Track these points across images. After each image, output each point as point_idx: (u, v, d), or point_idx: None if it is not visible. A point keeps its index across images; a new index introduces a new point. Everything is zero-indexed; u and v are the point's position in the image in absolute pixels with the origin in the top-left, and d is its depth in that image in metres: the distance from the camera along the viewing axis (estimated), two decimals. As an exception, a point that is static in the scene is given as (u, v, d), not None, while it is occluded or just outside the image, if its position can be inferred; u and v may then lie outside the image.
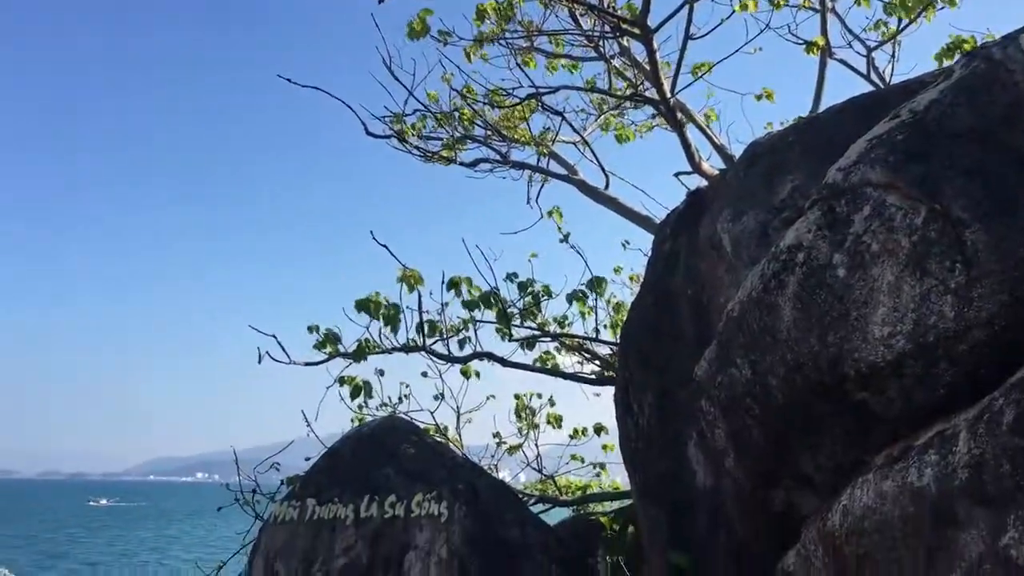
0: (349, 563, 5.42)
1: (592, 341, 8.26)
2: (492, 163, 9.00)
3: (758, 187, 4.58)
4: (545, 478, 8.89)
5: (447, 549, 5.00)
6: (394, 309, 7.27)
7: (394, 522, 5.38)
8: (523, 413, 8.73)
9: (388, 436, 6.02)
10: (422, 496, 5.33)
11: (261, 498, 7.51)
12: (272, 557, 5.87)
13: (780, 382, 3.14)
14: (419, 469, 5.59)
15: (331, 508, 5.75)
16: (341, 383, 7.64)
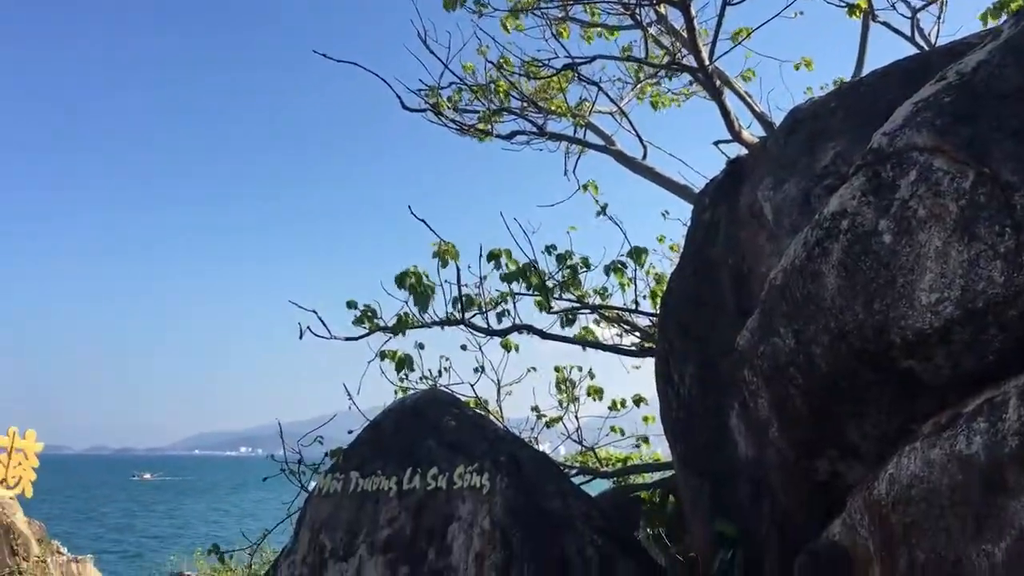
0: (393, 534, 5.48)
1: (632, 312, 8.22)
2: (528, 135, 8.95)
3: (800, 154, 4.52)
4: (585, 450, 8.91)
5: (489, 520, 5.03)
6: (428, 286, 7.29)
7: (437, 494, 5.43)
8: (563, 386, 8.74)
9: (430, 409, 6.06)
10: (464, 468, 5.37)
11: (305, 470, 7.62)
12: (317, 528, 5.96)
13: (824, 351, 3.11)
14: (461, 441, 5.63)
15: (374, 480, 5.81)
16: (382, 357, 7.70)
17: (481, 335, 7.85)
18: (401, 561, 5.34)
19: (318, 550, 5.84)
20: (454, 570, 5.03)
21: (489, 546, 4.93)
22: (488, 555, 4.89)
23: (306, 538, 6.02)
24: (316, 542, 5.90)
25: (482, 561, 4.91)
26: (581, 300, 8.27)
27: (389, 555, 5.42)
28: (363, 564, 5.51)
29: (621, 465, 8.95)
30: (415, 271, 7.39)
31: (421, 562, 5.22)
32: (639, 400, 8.66)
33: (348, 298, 7.68)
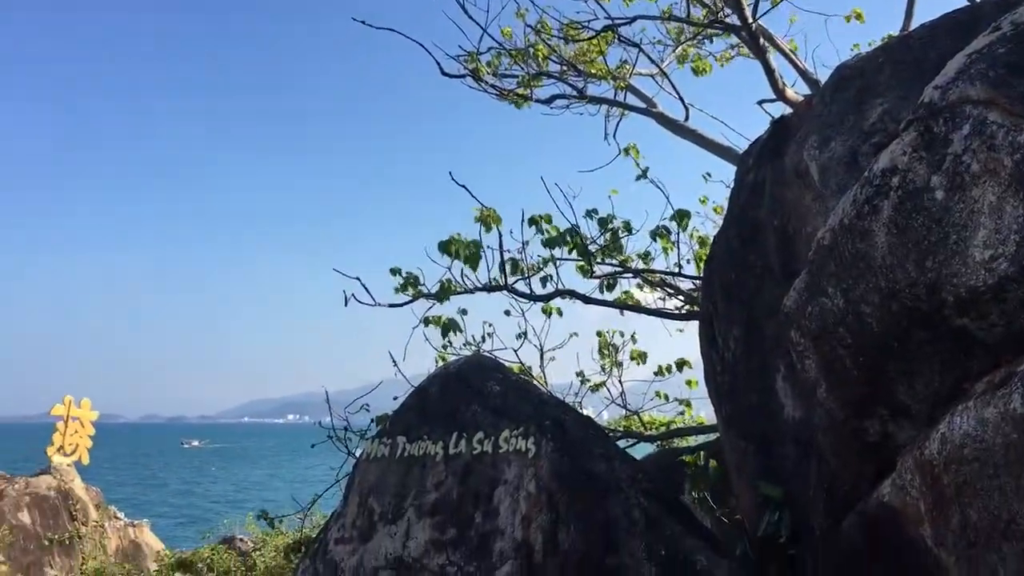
0: (440, 498, 5.54)
1: (675, 276, 8.18)
2: (568, 99, 8.89)
3: (846, 112, 4.42)
4: (629, 414, 8.92)
5: (535, 483, 5.06)
6: (474, 247, 7.30)
7: (483, 458, 5.46)
8: (606, 350, 8.73)
9: (474, 374, 6.08)
10: (509, 432, 5.39)
11: (352, 436, 7.73)
12: (366, 492, 6.04)
13: (874, 310, 3.06)
14: (506, 406, 5.65)
15: (421, 445, 5.86)
16: (425, 324, 7.75)
17: (524, 301, 7.86)
18: (448, 524, 5.39)
19: (367, 513, 5.93)
20: (501, 532, 5.07)
21: (535, 509, 4.96)
22: (534, 518, 4.93)
23: (355, 502, 6.11)
24: (365, 506, 5.99)
25: (528, 523, 4.94)
26: (623, 264, 8.24)
27: (436, 518, 5.48)
28: (411, 526, 5.59)
29: (665, 429, 8.95)
30: (459, 238, 7.41)
31: (468, 525, 5.28)
32: (683, 364, 8.63)
33: (391, 265, 7.74)
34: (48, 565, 18.21)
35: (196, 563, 17.15)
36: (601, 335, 8.81)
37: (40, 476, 19.81)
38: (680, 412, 9.03)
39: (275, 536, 16.80)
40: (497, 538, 5.08)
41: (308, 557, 6.33)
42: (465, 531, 5.27)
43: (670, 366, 8.83)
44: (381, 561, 5.64)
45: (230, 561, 16.88)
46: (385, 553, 5.64)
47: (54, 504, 19.12)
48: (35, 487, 19.11)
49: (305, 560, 6.35)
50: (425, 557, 5.39)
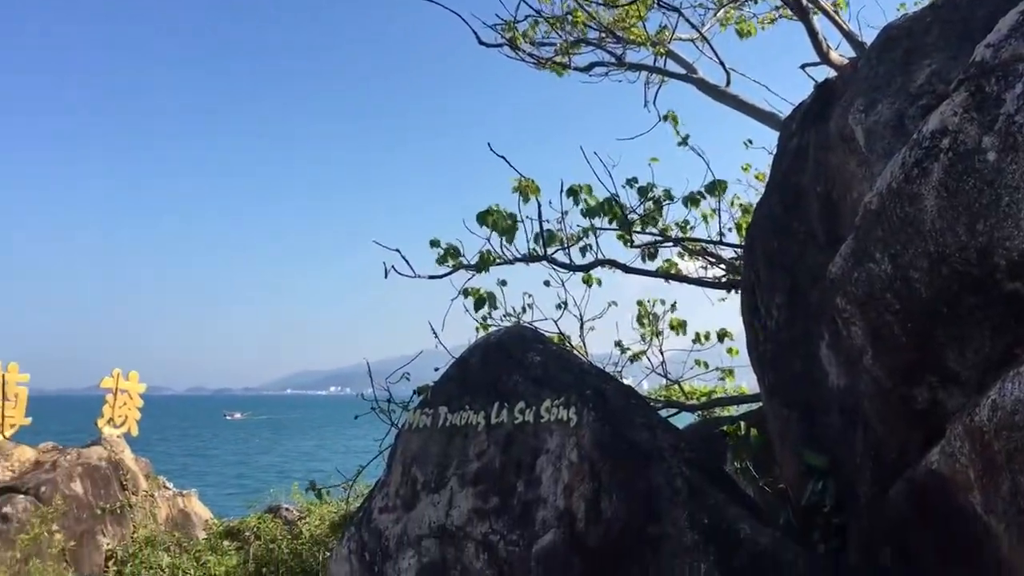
0: (482, 467, 5.57)
1: (716, 244, 8.10)
2: (607, 66, 8.80)
3: (893, 74, 4.32)
4: (670, 384, 8.89)
5: (577, 452, 5.06)
6: (511, 219, 7.28)
7: (524, 427, 5.47)
8: (646, 320, 8.70)
9: (514, 344, 6.09)
10: (550, 402, 5.39)
11: (395, 407, 7.80)
12: (409, 462, 6.09)
13: (923, 275, 3.00)
14: (546, 376, 5.65)
15: (462, 415, 5.89)
16: (465, 295, 7.77)
17: (563, 271, 7.85)
18: (491, 492, 5.42)
19: (410, 483, 5.99)
20: (543, 501, 5.09)
21: (577, 478, 4.97)
22: (577, 486, 4.93)
23: (398, 471, 6.17)
24: (408, 475, 6.04)
25: (571, 492, 4.95)
26: (663, 233, 8.18)
27: (479, 487, 5.52)
28: (454, 495, 5.63)
29: (706, 398, 8.92)
30: (497, 209, 7.40)
31: (511, 493, 5.30)
32: (724, 334, 8.58)
33: (431, 237, 7.76)
34: (101, 533, 18.68)
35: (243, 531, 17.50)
36: (641, 304, 8.77)
37: (91, 447, 20.28)
38: (721, 381, 8.99)
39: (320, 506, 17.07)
40: (539, 507, 5.10)
41: (353, 525, 6.41)
42: (507, 500, 5.30)
43: (709, 334, 8.78)
44: (425, 529, 5.70)
45: (276, 530, 17.19)
46: (428, 521, 5.70)
47: (105, 474, 19.58)
48: (87, 458, 19.58)
49: (350, 528, 6.43)
50: (468, 525, 5.44)
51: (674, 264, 8.63)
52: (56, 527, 17.37)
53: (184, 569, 16.31)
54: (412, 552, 5.72)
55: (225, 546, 17.12)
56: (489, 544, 5.26)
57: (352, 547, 6.21)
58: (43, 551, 16.76)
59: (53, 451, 19.73)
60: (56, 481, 18.36)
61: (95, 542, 18.39)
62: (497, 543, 5.22)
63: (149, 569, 16.63)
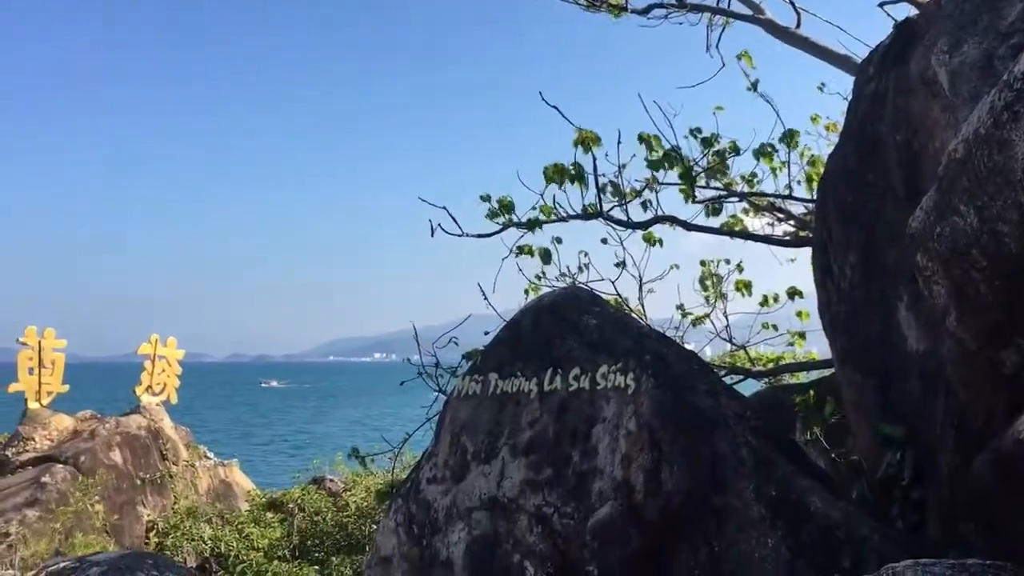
0: (535, 436, 5.62)
1: (785, 199, 8.01)
2: (667, 8, 8.67)
3: (981, 11, 4.20)
4: (735, 349, 8.86)
5: (635, 421, 5.08)
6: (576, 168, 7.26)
7: (579, 395, 5.51)
8: (709, 281, 8.65)
9: (569, 307, 6.10)
10: (607, 368, 5.41)
11: (443, 373, 7.88)
12: (458, 431, 6.17)
13: (1013, 228, 2.93)
14: (603, 340, 5.66)
15: (514, 382, 5.94)
16: (517, 253, 7.79)
17: (621, 228, 7.82)
18: (544, 463, 5.48)
19: (460, 452, 6.07)
20: (600, 472, 5.13)
21: (636, 447, 4.99)
22: (635, 457, 4.96)
23: (447, 440, 6.25)
24: (457, 444, 6.12)
25: (629, 463, 4.98)
26: (729, 188, 8.11)
27: (531, 457, 5.57)
28: (505, 466, 5.69)
29: (774, 365, 8.87)
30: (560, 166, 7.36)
31: (565, 464, 5.35)
32: (793, 294, 8.51)
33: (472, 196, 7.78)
34: (141, 504, 19.23)
35: (287, 503, 17.90)
36: (704, 264, 8.72)
37: (130, 416, 20.83)
38: (790, 346, 8.92)
39: (366, 477, 17.37)
40: (595, 478, 5.14)
41: (400, 497, 6.53)
42: (562, 470, 5.35)
43: (777, 295, 8.71)
44: (475, 501, 5.79)
45: (321, 502, 17.56)
46: (479, 493, 5.78)
47: (145, 443, 20.12)
48: (125, 427, 20.12)
49: (397, 500, 6.55)
50: (521, 497, 5.50)
51: (740, 220, 8.55)
52: (97, 498, 17.92)
53: (227, 541, 16.76)
54: (462, 525, 5.81)
55: (268, 518, 17.54)
56: (543, 517, 5.33)
57: (399, 519, 6.33)
58: (84, 523, 17.32)
59: (91, 420, 20.31)
60: (95, 450, 18.92)
61: (135, 513, 18.95)
62: (551, 516, 5.28)
63: (191, 541, 17.12)
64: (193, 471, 20.86)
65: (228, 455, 24.73)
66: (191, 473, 20.76)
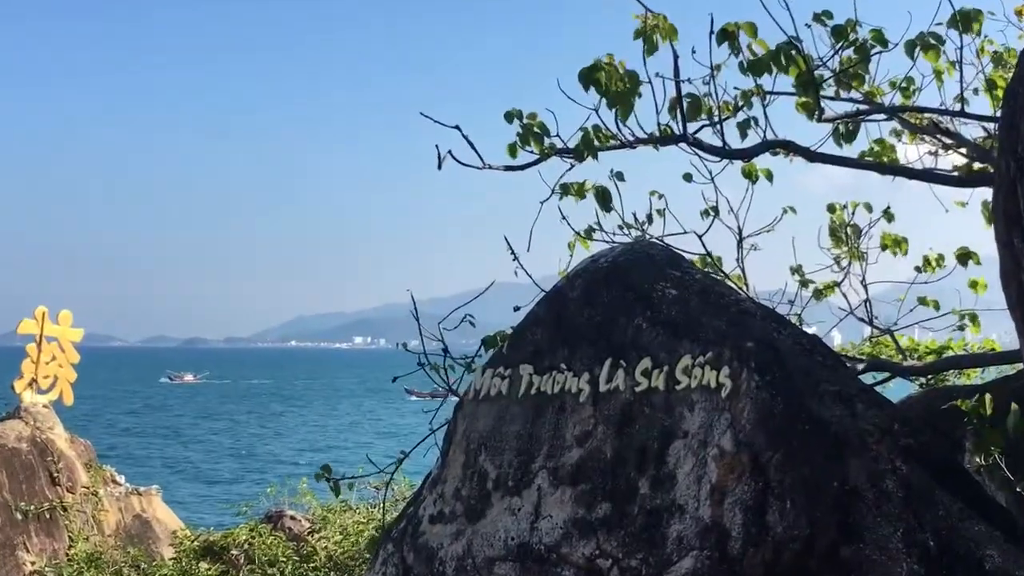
0: (587, 457, 5.63)
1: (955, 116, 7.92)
2: None
3: None
4: (879, 334, 8.82)
5: (731, 437, 5.08)
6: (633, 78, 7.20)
7: (650, 398, 5.51)
8: (841, 234, 8.60)
9: (636, 271, 6.09)
10: (692, 359, 5.41)
11: (453, 365, 7.89)
12: (475, 448, 6.20)
13: None
14: (686, 319, 5.65)
15: (556, 378, 5.95)
16: (562, 194, 7.75)
17: (712, 159, 7.77)
18: (599, 496, 5.50)
19: (477, 478, 6.10)
20: (679, 509, 5.14)
21: (732, 475, 5.00)
22: (731, 488, 4.97)
23: (459, 462, 6.28)
24: (473, 467, 6.15)
25: (722, 497, 4.99)
26: (870, 99, 8.03)
27: (581, 486, 5.59)
28: (543, 499, 5.72)
29: (934, 358, 8.82)
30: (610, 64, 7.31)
31: (629, 498, 5.37)
32: (965, 257, 8.44)
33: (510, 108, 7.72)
34: (23, 548, 19.45)
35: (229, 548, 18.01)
36: (834, 210, 8.66)
37: (6, 422, 21.02)
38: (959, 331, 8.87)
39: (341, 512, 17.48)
40: (673, 518, 5.16)
41: (391, 542, 6.58)
42: (624, 507, 5.37)
43: (941, 257, 8.64)
44: (499, 549, 5.83)
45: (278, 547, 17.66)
46: (505, 537, 5.81)
47: (27, 462, 20.30)
48: (2, 437, 20.29)
49: (387, 546, 6.60)
50: (565, 544, 5.54)
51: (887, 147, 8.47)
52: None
53: (143, 603, 16.93)
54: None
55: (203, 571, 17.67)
56: (597, 573, 5.36)
57: (391, 574, 6.38)
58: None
59: (-50, 427, 20.49)
60: (-45, 472, 19.11)
61: (14, 560, 19.16)
62: (609, 571, 5.32)
63: (92, 601, 17.31)
64: (96, 502, 21.06)
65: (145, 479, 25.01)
66: (93, 504, 20.96)
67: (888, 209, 8.51)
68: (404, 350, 8.31)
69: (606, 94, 7.31)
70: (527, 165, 7.72)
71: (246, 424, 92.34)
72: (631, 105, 7.31)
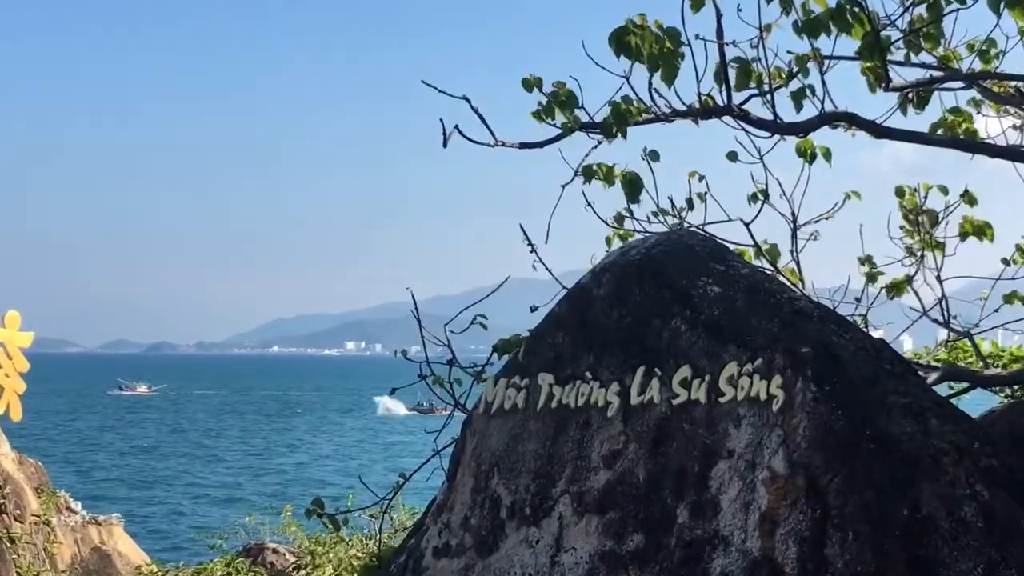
0: (616, 480, 5.64)
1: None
2: None
3: None
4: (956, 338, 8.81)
5: (784, 457, 5.09)
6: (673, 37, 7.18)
7: (690, 412, 5.52)
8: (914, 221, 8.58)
9: (674, 265, 6.09)
10: (738, 367, 5.40)
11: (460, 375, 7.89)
12: (486, 470, 6.21)
13: None
14: (731, 320, 5.65)
15: (580, 389, 5.95)
16: (587, 177, 7.74)
17: (762, 133, 7.76)
18: (630, 525, 5.51)
19: (488, 505, 6.11)
20: (723, 541, 5.15)
21: (785, 502, 5.00)
22: (784, 516, 4.97)
23: (467, 486, 6.30)
24: (484, 492, 6.16)
25: (772, 527, 5.00)
26: (945, 64, 8.01)
27: (609, 515, 5.61)
28: (565, 529, 5.73)
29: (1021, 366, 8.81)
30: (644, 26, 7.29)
31: (665, 528, 5.38)
32: (1061, 247, 8.44)
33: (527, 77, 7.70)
34: (-37, 586, 19.51)
35: (201, 587, 18.08)
36: (903, 194, 8.64)
37: (-57, 441, 21.08)
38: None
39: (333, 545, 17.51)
40: (716, 551, 5.17)
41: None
42: (660, 538, 5.38)
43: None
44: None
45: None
46: (521, 574, 5.83)
47: (-32, 487, 20.37)
48: (-62, 459, 20.37)
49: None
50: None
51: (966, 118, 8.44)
52: None
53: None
54: (493, 626, 5.88)
55: (171, 613, 17.78)
56: (628, 614, 5.37)
57: (389, 616, 6.40)
58: None
59: None
60: None
61: (-46, 601, 19.22)
62: (642, 613, 5.33)
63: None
64: (49, 532, 21.15)
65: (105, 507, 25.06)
66: (45, 536, 21.04)
67: (967, 192, 8.47)
68: (403, 357, 8.29)
69: (639, 58, 7.28)
70: (547, 142, 7.69)
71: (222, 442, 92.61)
72: (676, 68, 7.26)
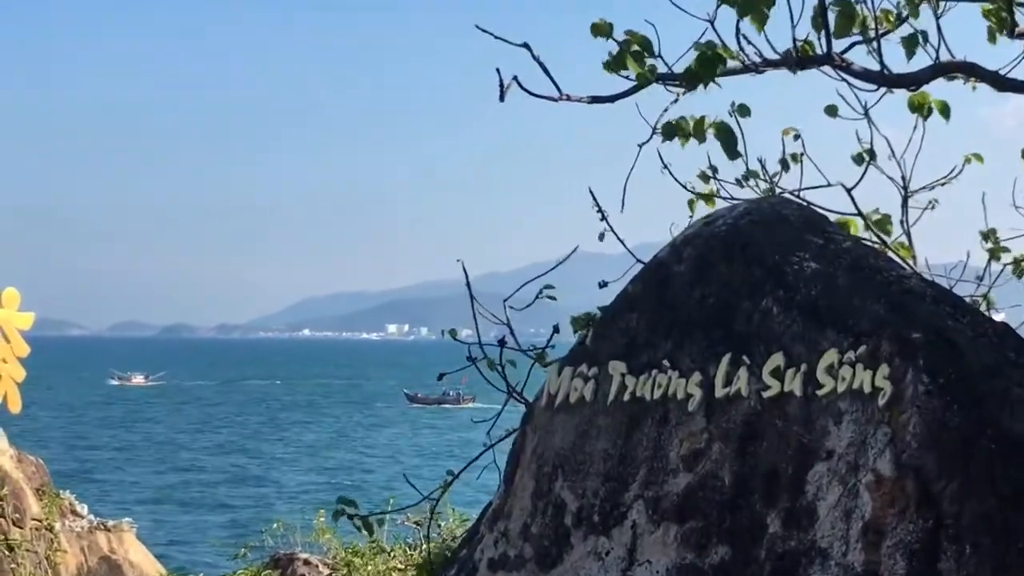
0: (697, 484, 5.65)
1: None
2: None
3: None
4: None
5: (892, 459, 5.07)
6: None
7: (783, 406, 5.51)
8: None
9: (765, 237, 6.08)
10: (839, 355, 5.39)
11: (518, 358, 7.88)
12: (549, 472, 6.23)
13: None
14: (831, 302, 5.63)
15: (657, 379, 5.96)
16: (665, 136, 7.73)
17: (867, 86, 7.73)
18: (714, 535, 5.52)
19: (552, 512, 6.13)
20: (821, 554, 5.15)
21: (892, 509, 5.00)
22: (891, 526, 4.97)
23: (528, 489, 6.32)
24: (547, 496, 6.18)
25: (878, 538, 4.99)
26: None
27: (689, 524, 5.62)
28: (639, 539, 5.74)
29: None
30: None
31: (754, 538, 5.39)
32: None
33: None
34: (-43, 597, 19.72)
35: (224, 602, 18.22)
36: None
37: (-67, 435, 21.28)
38: None
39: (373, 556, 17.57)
40: (813, 564, 5.17)
41: (439, 593, 6.64)
42: (748, 551, 5.38)
43: None
44: (582, 604, 5.87)
45: (287, 601, 17.84)
46: (589, 589, 5.85)
47: (-38, 487, 20.57)
48: (-72, 455, 20.59)
49: (433, 599, 6.67)
50: (669, 599, 5.56)
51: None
52: None
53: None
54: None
55: (189, 629, 17.93)
56: (711, 637, 5.38)
57: (438, 635, 6.44)
58: None
59: None
60: None
61: (-53, 612, 19.41)
62: (727, 633, 5.34)
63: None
64: (52, 539, 21.33)
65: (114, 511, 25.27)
66: (48, 543, 21.23)
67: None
68: (452, 338, 8.29)
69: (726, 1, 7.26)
70: (620, 95, 7.69)
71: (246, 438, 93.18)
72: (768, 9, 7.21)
